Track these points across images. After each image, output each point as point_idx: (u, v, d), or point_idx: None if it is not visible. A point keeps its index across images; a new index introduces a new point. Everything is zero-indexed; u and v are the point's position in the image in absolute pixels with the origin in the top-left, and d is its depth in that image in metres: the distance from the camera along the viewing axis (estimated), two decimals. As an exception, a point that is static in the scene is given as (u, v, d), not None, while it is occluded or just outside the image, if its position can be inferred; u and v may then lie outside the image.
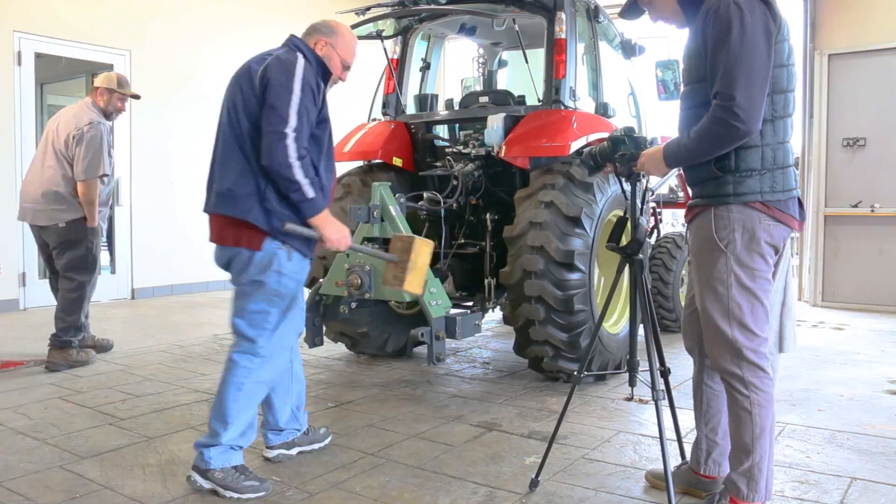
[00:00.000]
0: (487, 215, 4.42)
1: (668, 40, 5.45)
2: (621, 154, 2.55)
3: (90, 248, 4.61)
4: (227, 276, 2.76)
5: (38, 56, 6.86)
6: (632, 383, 2.69)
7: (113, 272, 7.54)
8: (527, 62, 4.55)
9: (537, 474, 2.72)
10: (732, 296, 2.27)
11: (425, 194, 4.54)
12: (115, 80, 4.71)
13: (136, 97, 4.91)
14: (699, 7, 2.26)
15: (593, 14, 4.73)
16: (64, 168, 4.50)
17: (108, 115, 4.70)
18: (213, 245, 2.77)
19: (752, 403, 2.29)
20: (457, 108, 4.89)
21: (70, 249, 4.56)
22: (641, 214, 2.65)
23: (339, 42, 2.83)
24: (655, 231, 5.96)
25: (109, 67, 7.40)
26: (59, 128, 4.56)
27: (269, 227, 2.60)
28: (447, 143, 4.78)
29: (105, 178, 4.59)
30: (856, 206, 7.20)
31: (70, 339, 4.56)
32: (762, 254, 2.27)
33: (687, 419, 3.59)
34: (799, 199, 2.34)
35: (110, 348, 5.04)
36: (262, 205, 2.59)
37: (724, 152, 2.21)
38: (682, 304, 5.05)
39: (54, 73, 7.94)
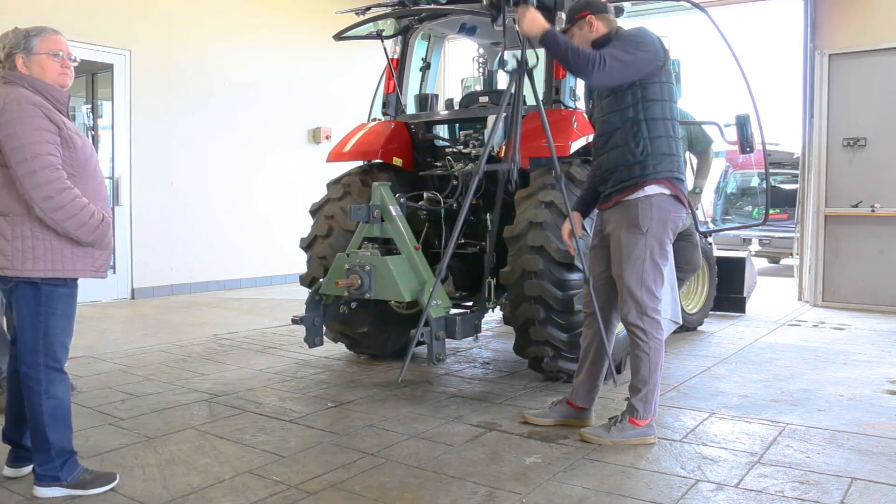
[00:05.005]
0: (487, 215, 4.42)
1: (668, 40, 5.43)
2: None
3: None
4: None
5: (39, 56, 6.85)
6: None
7: (113, 272, 7.54)
8: (527, 62, 4.53)
9: (399, 376, 3.41)
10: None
11: (425, 194, 4.53)
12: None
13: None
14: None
15: None
16: None
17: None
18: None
19: (650, 348, 3.13)
20: (457, 108, 4.89)
21: None
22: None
23: None
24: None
25: (109, 68, 7.40)
26: None
27: None
28: (447, 143, 4.78)
29: None
30: (856, 206, 7.19)
31: None
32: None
33: (689, 419, 3.59)
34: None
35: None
36: None
37: (571, 69, 3.17)
38: None
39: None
